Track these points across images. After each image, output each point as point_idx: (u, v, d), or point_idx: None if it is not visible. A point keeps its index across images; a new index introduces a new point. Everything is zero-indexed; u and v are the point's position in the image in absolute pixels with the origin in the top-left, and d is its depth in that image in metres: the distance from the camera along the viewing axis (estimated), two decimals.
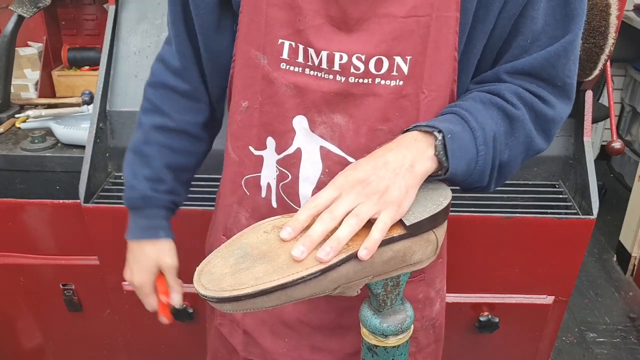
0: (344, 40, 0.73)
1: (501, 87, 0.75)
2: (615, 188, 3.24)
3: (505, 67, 0.76)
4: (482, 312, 1.49)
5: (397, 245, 0.67)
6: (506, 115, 0.73)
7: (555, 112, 0.77)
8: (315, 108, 0.77)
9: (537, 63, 0.74)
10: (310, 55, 0.74)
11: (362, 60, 0.72)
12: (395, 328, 0.74)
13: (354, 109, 0.75)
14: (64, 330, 1.61)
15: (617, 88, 3.32)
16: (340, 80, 0.74)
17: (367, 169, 0.66)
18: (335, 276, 0.63)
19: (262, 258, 0.63)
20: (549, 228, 1.34)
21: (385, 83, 0.73)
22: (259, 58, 0.77)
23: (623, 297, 2.44)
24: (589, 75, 1.33)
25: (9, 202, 1.40)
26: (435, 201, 0.69)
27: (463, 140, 0.69)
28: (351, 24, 0.72)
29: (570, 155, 1.45)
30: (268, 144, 0.81)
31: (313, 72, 0.75)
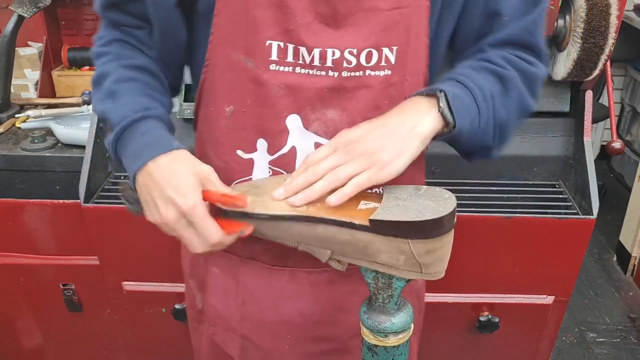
0: (334, 36, 0.74)
1: (490, 55, 0.79)
2: (615, 188, 3.24)
3: (487, 40, 0.79)
4: (482, 312, 1.49)
5: (358, 233, 0.69)
6: (498, 77, 0.76)
7: (540, 70, 0.80)
8: (309, 105, 0.77)
9: (517, 33, 0.78)
10: (302, 54, 0.74)
11: (354, 54, 0.74)
12: (394, 327, 0.74)
13: (347, 102, 0.77)
14: (64, 330, 1.61)
15: (617, 88, 3.32)
16: (334, 76, 0.75)
17: (363, 131, 0.71)
18: (287, 228, 0.72)
19: (260, 192, 0.75)
20: (549, 228, 1.34)
21: (375, 74, 0.76)
22: (243, 61, 0.75)
23: (623, 297, 2.44)
24: (589, 75, 1.33)
25: (9, 202, 1.40)
26: (423, 213, 0.67)
27: (464, 99, 0.72)
28: (339, 19, 0.74)
29: (570, 155, 1.45)
30: (259, 145, 0.80)
31: (304, 70, 0.75)
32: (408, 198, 0.71)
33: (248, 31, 0.74)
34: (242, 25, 0.74)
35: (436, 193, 0.71)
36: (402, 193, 0.72)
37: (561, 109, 1.45)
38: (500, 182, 1.46)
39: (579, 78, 1.35)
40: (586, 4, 1.26)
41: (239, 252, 0.88)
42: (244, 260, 0.88)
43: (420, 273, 0.69)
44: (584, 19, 1.26)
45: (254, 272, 0.88)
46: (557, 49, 1.37)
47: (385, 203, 0.70)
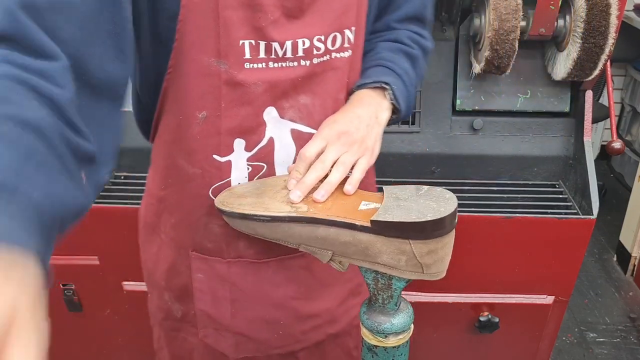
0: (302, 25, 0.76)
1: (399, 34, 0.90)
2: (615, 188, 3.24)
3: (393, 16, 0.90)
4: (482, 312, 1.49)
5: (359, 234, 0.69)
6: (410, 57, 0.89)
7: (431, 44, 0.94)
8: (284, 96, 0.79)
9: (417, 8, 0.91)
10: (274, 48, 0.75)
11: (322, 41, 0.77)
12: (394, 328, 0.74)
13: (317, 86, 0.80)
14: (64, 330, 1.61)
15: (617, 88, 3.32)
16: (306, 64, 0.78)
17: (345, 122, 0.78)
18: (287, 230, 0.73)
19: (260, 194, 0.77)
20: (549, 228, 1.34)
21: (341, 55, 0.80)
22: (215, 65, 0.74)
23: (623, 297, 2.44)
24: (589, 75, 1.33)
25: None
26: (424, 213, 0.67)
27: (400, 87, 0.84)
28: (304, 9, 0.75)
29: (570, 155, 1.45)
30: (236, 146, 0.80)
31: (277, 64, 0.76)
32: (409, 198, 0.71)
33: (219, 33, 0.72)
34: (212, 28, 0.72)
35: (437, 193, 0.71)
36: (403, 193, 0.72)
37: (561, 109, 1.45)
38: (500, 182, 1.46)
39: (579, 78, 1.35)
40: (586, 4, 1.26)
41: (224, 255, 0.88)
42: (229, 262, 0.88)
43: (422, 273, 0.69)
44: (584, 18, 1.26)
45: (240, 271, 0.89)
46: (557, 49, 1.37)
47: (386, 203, 0.70)
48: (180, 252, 0.91)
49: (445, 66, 1.44)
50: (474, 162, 1.45)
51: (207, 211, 0.85)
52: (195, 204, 0.85)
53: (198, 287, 0.91)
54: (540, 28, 1.31)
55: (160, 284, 0.96)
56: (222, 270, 0.89)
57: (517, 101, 1.44)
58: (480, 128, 1.44)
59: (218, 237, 0.86)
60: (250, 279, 0.89)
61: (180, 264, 0.91)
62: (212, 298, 0.91)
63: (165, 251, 0.93)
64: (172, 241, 0.91)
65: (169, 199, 0.88)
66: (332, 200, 0.75)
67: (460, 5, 1.39)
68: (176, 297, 0.95)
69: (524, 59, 1.42)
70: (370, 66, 0.86)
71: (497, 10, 1.26)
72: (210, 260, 0.89)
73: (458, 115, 1.45)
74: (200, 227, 0.86)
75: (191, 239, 0.88)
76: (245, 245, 0.87)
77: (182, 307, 0.95)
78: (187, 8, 0.71)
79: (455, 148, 1.45)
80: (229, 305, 0.91)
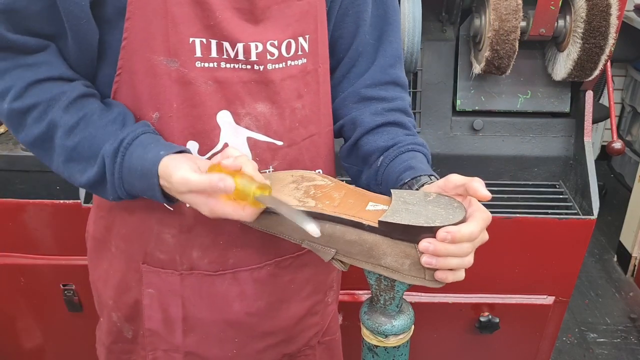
0: (255, 30, 0.75)
1: (406, 106, 0.90)
2: (615, 188, 3.24)
3: (360, 83, 0.88)
4: (483, 313, 1.48)
5: (365, 234, 0.69)
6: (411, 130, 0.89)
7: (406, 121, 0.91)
8: (238, 100, 0.77)
9: (383, 73, 0.88)
10: (225, 48, 0.74)
11: (275, 46, 0.77)
12: (394, 329, 0.74)
13: (276, 95, 0.79)
14: (64, 330, 1.61)
15: (618, 88, 3.32)
16: (259, 69, 0.76)
17: None
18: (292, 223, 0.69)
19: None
20: (549, 228, 1.34)
21: (295, 63, 0.80)
22: (165, 63, 0.72)
23: (623, 298, 2.44)
24: (589, 75, 1.33)
25: (9, 202, 1.40)
26: (433, 219, 0.67)
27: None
28: (258, 14, 0.75)
29: (570, 156, 1.45)
30: (189, 148, 0.77)
31: (229, 64, 0.75)
32: (417, 203, 0.70)
33: (168, 30, 0.71)
34: (161, 25, 0.71)
35: (446, 201, 0.70)
36: (412, 198, 0.72)
37: (561, 109, 1.45)
38: (500, 183, 1.46)
39: (579, 78, 1.35)
40: (586, 4, 1.26)
41: (177, 267, 0.84)
42: (183, 275, 0.84)
43: (424, 279, 0.69)
44: (585, 19, 1.26)
45: (194, 284, 0.85)
46: (558, 49, 1.37)
47: (394, 206, 0.70)
48: (130, 265, 0.86)
49: (446, 66, 1.44)
50: (474, 162, 1.45)
51: (159, 219, 0.81)
52: (147, 212, 0.82)
53: (148, 304, 0.87)
54: (541, 28, 1.31)
55: (108, 304, 0.92)
56: (174, 284, 0.85)
57: (518, 101, 1.44)
58: (480, 128, 1.44)
59: (171, 248, 0.83)
60: (204, 292, 0.85)
61: (130, 279, 0.87)
62: (162, 315, 0.87)
63: (115, 266, 0.89)
64: (122, 254, 0.87)
65: (120, 208, 0.84)
66: (341, 198, 0.74)
67: (460, 5, 1.39)
68: (126, 316, 0.90)
69: (524, 59, 1.42)
70: (414, 153, 0.84)
71: (497, 10, 1.26)
72: (162, 273, 0.85)
73: (458, 115, 1.45)
74: (152, 237, 0.83)
75: (142, 250, 0.84)
76: (199, 255, 0.83)
77: (132, 327, 0.91)
78: (134, 5, 0.70)
79: (455, 148, 1.45)
80: (180, 323, 0.87)
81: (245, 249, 0.84)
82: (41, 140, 0.73)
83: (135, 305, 0.89)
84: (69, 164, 0.74)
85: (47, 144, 0.74)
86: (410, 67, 1.35)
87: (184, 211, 0.80)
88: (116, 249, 0.87)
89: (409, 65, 1.34)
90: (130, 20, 0.70)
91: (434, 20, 1.46)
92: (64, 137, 0.72)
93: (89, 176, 0.73)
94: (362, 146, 0.87)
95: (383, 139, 0.85)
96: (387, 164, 0.83)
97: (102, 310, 0.95)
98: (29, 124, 0.73)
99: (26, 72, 0.72)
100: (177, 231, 0.81)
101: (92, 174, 0.73)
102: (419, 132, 1.44)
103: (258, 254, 0.85)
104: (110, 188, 0.73)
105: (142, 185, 0.71)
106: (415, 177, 0.78)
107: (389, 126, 0.87)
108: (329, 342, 1.04)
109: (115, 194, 0.73)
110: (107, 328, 0.94)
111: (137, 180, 0.71)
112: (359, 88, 0.88)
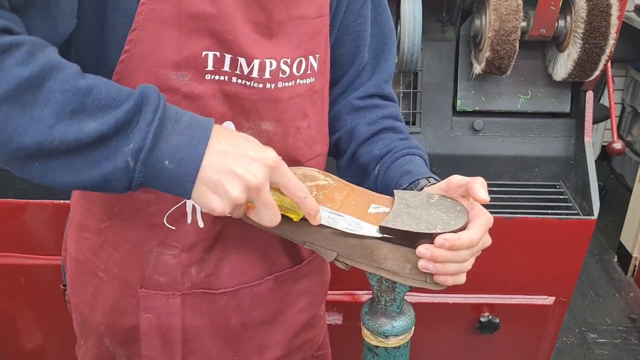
0: (269, 46, 0.73)
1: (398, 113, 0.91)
2: (615, 189, 3.24)
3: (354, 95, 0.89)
4: (483, 313, 1.48)
5: (366, 239, 0.69)
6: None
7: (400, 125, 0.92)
8: (244, 114, 0.74)
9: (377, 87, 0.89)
10: (240, 64, 0.71)
11: (287, 64, 0.75)
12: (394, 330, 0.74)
13: (282, 113, 0.77)
14: (64, 330, 1.61)
15: (618, 88, 3.32)
16: (270, 88, 0.74)
17: None
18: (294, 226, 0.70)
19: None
20: (549, 228, 1.34)
21: (303, 82, 0.78)
22: (173, 78, 0.68)
23: (624, 298, 2.44)
24: (589, 75, 1.33)
25: (9, 202, 1.40)
26: (434, 225, 0.67)
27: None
28: (273, 28, 0.73)
29: (571, 156, 1.45)
30: None
31: (241, 80, 0.72)
32: (419, 206, 0.70)
33: (180, 44, 0.67)
34: (172, 38, 0.66)
35: (448, 204, 0.70)
36: (414, 200, 0.72)
37: (562, 109, 1.45)
38: (501, 183, 1.46)
39: (579, 79, 1.35)
40: (587, 5, 1.26)
41: (179, 287, 0.81)
42: (184, 295, 0.81)
43: (425, 282, 0.69)
44: (585, 19, 1.26)
45: (195, 303, 0.82)
46: (558, 50, 1.37)
47: (396, 209, 0.70)
48: (125, 291, 0.81)
49: (446, 67, 1.44)
50: (474, 162, 1.45)
51: (160, 241, 0.77)
52: (146, 234, 0.77)
53: (145, 329, 0.82)
54: (541, 29, 1.31)
55: (99, 329, 0.85)
56: (174, 306, 0.81)
57: (518, 102, 1.44)
58: (480, 129, 1.44)
59: (171, 269, 0.79)
60: (205, 311, 0.83)
61: (125, 305, 0.82)
62: (161, 341, 0.83)
63: (106, 291, 0.83)
64: (115, 279, 0.81)
65: (112, 231, 0.78)
66: (343, 200, 0.74)
67: (461, 5, 1.39)
68: (120, 341, 0.85)
69: (524, 59, 1.42)
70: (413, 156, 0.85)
71: (497, 10, 1.26)
72: (163, 295, 0.81)
73: (459, 115, 1.45)
74: (152, 260, 0.79)
75: (140, 274, 0.80)
76: (199, 273, 0.80)
77: (126, 353, 0.86)
78: (144, 15, 0.64)
79: (455, 149, 1.45)
80: (180, 346, 0.84)
81: (244, 261, 0.83)
82: (25, 87, 0.53)
83: (131, 331, 0.84)
84: (69, 116, 0.54)
85: (30, 93, 0.53)
86: (410, 68, 1.35)
87: (187, 229, 0.77)
88: (106, 274, 0.82)
89: (409, 65, 1.34)
90: (138, 30, 0.65)
91: (434, 21, 1.46)
92: (73, 79, 0.55)
93: (107, 123, 0.55)
94: (360, 157, 0.88)
95: (378, 147, 0.86)
96: (384, 172, 0.84)
97: (88, 335, 0.88)
98: (8, 65, 0.52)
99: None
100: (178, 251, 0.78)
101: (111, 121, 0.55)
102: (419, 132, 1.44)
103: (258, 267, 0.84)
104: (137, 136, 0.55)
105: (183, 137, 0.57)
106: (414, 181, 0.78)
107: (383, 133, 0.88)
108: (322, 356, 1.03)
109: (140, 145, 0.56)
110: (97, 353, 0.88)
111: (185, 129, 0.58)
112: (352, 99, 0.89)
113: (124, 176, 0.57)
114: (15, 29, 0.55)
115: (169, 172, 0.57)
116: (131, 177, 0.57)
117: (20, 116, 0.53)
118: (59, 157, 0.55)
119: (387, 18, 0.90)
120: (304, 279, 0.91)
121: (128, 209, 0.76)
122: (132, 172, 0.57)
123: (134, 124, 0.56)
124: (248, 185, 0.59)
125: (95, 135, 0.54)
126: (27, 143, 0.53)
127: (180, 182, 0.58)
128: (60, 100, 0.54)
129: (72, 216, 0.86)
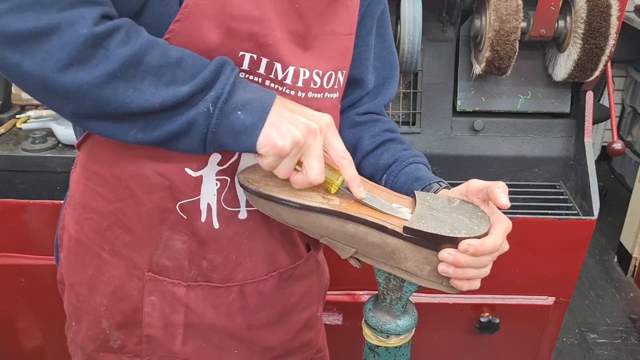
0: (304, 56, 0.75)
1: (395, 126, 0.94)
2: (616, 189, 3.24)
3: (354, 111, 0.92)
4: (483, 313, 1.48)
5: (388, 238, 0.69)
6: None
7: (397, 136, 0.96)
8: None
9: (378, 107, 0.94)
10: (275, 69, 0.72)
11: (319, 76, 0.77)
12: (398, 329, 0.74)
13: None
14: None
15: (618, 89, 3.32)
16: (301, 96, 0.76)
17: None
18: (314, 220, 0.71)
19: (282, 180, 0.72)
20: (549, 229, 1.34)
21: (330, 96, 0.81)
22: None
23: (624, 298, 2.44)
24: (589, 76, 1.33)
25: (9, 202, 1.40)
26: (459, 229, 0.67)
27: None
28: (309, 40, 0.76)
29: (571, 156, 1.45)
30: (211, 160, 0.75)
31: (274, 85, 0.74)
32: (442, 209, 0.70)
33: (219, 42, 0.68)
34: (214, 35, 0.68)
35: (470, 209, 0.71)
36: (436, 203, 0.72)
37: (562, 110, 1.45)
38: None
39: (579, 79, 1.35)
40: (587, 5, 1.26)
41: (185, 274, 0.82)
42: (190, 285, 0.82)
43: (441, 285, 0.70)
44: (585, 20, 1.26)
45: (200, 296, 0.83)
46: (558, 50, 1.38)
47: (419, 211, 0.70)
48: (132, 272, 0.82)
49: (446, 67, 1.44)
50: (474, 163, 1.45)
51: (170, 225, 0.78)
52: (157, 217, 0.78)
53: (149, 311, 0.83)
54: (541, 29, 1.31)
55: (98, 310, 0.85)
56: (179, 294, 0.83)
57: (518, 102, 1.44)
58: (481, 129, 1.45)
59: (180, 254, 0.80)
60: (208, 303, 0.84)
61: (130, 287, 0.82)
62: (163, 323, 0.84)
63: (109, 273, 0.83)
64: (122, 261, 0.82)
65: (123, 213, 0.78)
66: None
67: (461, 6, 1.39)
68: (118, 324, 0.85)
69: (524, 59, 1.42)
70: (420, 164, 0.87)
71: (497, 11, 1.26)
72: (167, 283, 0.82)
73: (459, 116, 1.45)
74: (161, 243, 0.79)
75: (148, 257, 0.81)
76: (208, 267, 0.81)
77: (122, 336, 0.86)
78: (189, 9, 0.66)
79: (455, 149, 1.45)
80: (181, 330, 0.84)
81: (252, 260, 0.83)
82: (128, 64, 0.61)
83: (133, 313, 0.84)
84: (165, 85, 0.63)
85: (132, 69, 0.62)
86: (410, 68, 1.35)
87: (199, 225, 0.78)
88: (112, 255, 0.82)
89: (409, 65, 1.34)
90: (180, 22, 0.66)
91: (434, 21, 1.46)
92: (165, 53, 0.64)
93: (196, 84, 0.64)
94: (365, 168, 0.90)
95: (384, 158, 0.88)
96: (392, 180, 0.85)
97: (82, 315, 0.88)
98: (113, 47, 0.61)
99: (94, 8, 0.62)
100: (188, 237, 0.79)
101: (199, 81, 0.64)
102: (419, 132, 1.44)
103: (264, 265, 0.85)
104: (217, 87, 0.65)
105: (254, 94, 0.66)
106: (426, 185, 0.80)
107: (387, 144, 0.91)
108: (321, 358, 1.04)
109: (219, 94, 0.65)
110: (91, 335, 0.88)
111: (255, 90, 0.67)
112: (352, 115, 0.92)
113: (204, 121, 0.65)
114: (112, 14, 0.63)
115: (241, 121, 0.65)
116: (209, 123, 0.65)
117: (125, 89, 0.62)
118: (158, 114, 0.65)
119: (393, 52, 0.94)
120: (305, 278, 0.91)
121: (141, 190, 0.76)
122: (210, 117, 0.65)
123: (216, 80, 0.65)
124: (309, 128, 0.66)
125: (189, 95, 0.64)
126: (134, 109, 0.63)
127: (250, 129, 0.65)
128: (158, 72, 0.63)
129: (72, 195, 0.85)
